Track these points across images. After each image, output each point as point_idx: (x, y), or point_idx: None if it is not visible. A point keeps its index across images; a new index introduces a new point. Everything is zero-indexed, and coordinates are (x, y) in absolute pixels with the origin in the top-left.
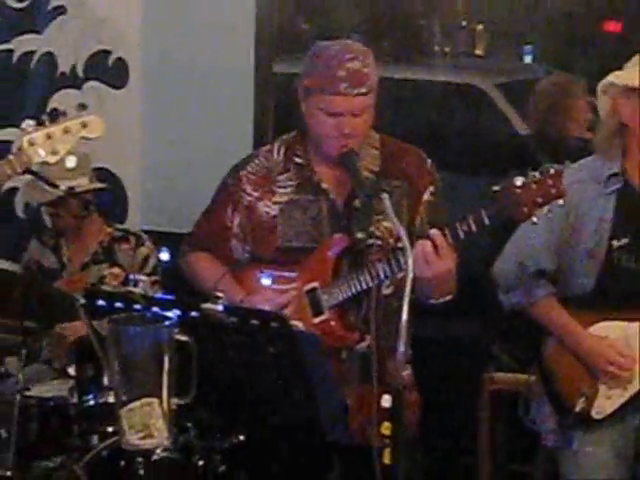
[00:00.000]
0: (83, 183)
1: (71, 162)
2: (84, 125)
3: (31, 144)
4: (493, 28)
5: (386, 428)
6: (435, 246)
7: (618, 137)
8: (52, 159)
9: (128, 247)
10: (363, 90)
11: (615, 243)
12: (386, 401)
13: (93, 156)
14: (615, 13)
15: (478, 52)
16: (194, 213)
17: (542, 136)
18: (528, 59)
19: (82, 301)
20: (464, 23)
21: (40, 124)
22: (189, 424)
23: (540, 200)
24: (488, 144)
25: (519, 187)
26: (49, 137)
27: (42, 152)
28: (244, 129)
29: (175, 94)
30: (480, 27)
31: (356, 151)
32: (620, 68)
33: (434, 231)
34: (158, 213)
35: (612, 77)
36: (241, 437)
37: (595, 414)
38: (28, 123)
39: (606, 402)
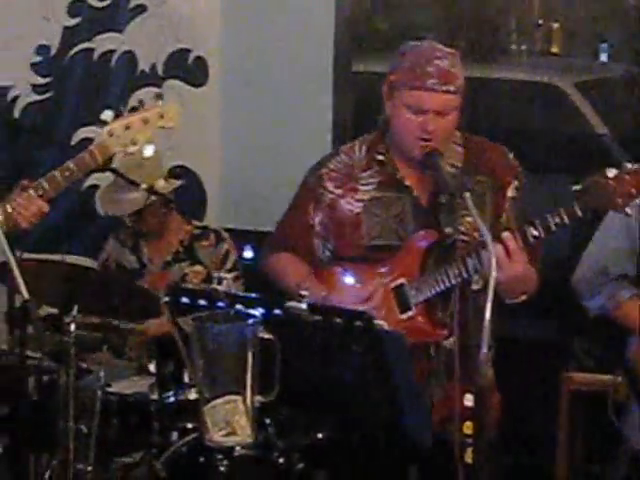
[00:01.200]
0: (160, 183)
1: (149, 151)
2: (161, 115)
3: (110, 134)
4: (568, 26)
5: (468, 427)
6: (507, 249)
7: None
8: (131, 149)
9: (208, 244)
10: (451, 88)
11: None
12: (469, 400)
13: (172, 153)
14: None
15: (554, 50)
16: (273, 211)
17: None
18: (604, 57)
19: (166, 299)
20: (540, 21)
21: (118, 114)
22: (268, 421)
23: (634, 191)
24: (567, 143)
25: (612, 178)
26: (128, 127)
27: (121, 142)
28: (323, 127)
29: (254, 92)
30: (556, 25)
31: (440, 150)
32: None
33: (506, 234)
34: (237, 211)
35: None
36: (320, 435)
37: None
38: (107, 114)
39: None
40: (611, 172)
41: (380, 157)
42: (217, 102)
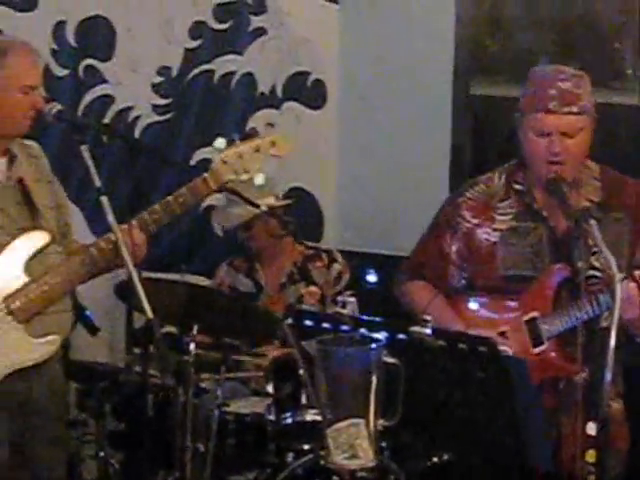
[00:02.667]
0: (269, 200)
1: (260, 179)
2: (273, 143)
3: (224, 162)
4: None
5: (591, 456)
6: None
7: None
8: (244, 177)
9: (321, 265)
10: (574, 109)
11: None
12: (591, 429)
13: (289, 175)
14: None
15: None
16: (391, 234)
17: None
18: None
19: (290, 321)
20: None
21: (231, 142)
22: (384, 444)
23: None
24: None
25: None
26: (240, 156)
27: (234, 170)
28: (441, 151)
29: (372, 114)
30: None
31: (564, 177)
32: None
33: (638, 272)
34: (355, 232)
35: None
36: (437, 459)
37: None
38: (220, 141)
39: None
40: None
41: (518, 186)
42: (334, 124)
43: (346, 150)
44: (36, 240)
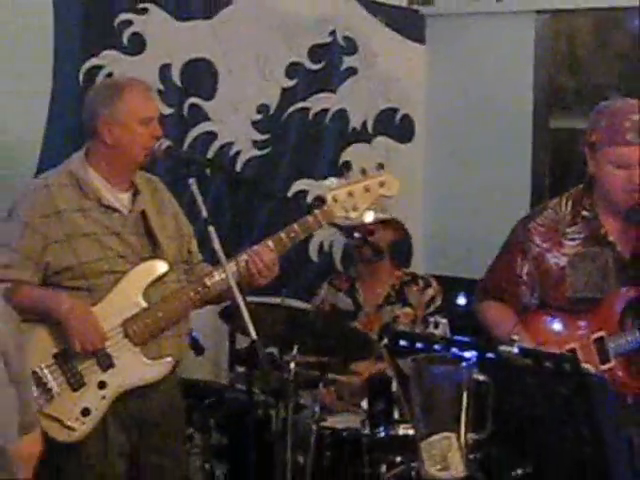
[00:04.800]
0: (386, 215)
1: (369, 217)
2: (382, 184)
3: (335, 200)
4: None
5: None
6: None
7: None
8: (353, 215)
9: (417, 289)
10: None
11: None
12: None
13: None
14: None
15: None
16: (478, 259)
17: None
18: None
19: (385, 341)
20: None
21: (340, 176)
22: (473, 457)
23: None
24: None
25: None
26: (351, 194)
27: (344, 208)
28: (522, 181)
29: (456, 148)
30: None
31: None
32: None
33: None
34: (441, 258)
35: None
36: (521, 471)
37: None
38: (332, 180)
39: None
40: None
41: (585, 213)
42: (421, 157)
43: (432, 181)
44: (155, 269)
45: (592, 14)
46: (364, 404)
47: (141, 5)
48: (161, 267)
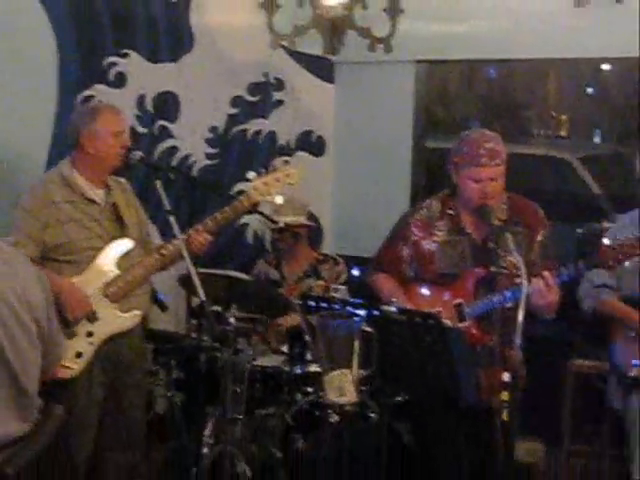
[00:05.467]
0: (300, 220)
1: (279, 200)
2: (287, 175)
3: (255, 189)
4: (573, 117)
5: (505, 396)
6: (547, 283)
7: None
8: (268, 198)
9: (328, 266)
10: (498, 162)
11: None
12: (506, 377)
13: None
14: None
15: (563, 134)
16: (368, 242)
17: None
18: (597, 139)
19: (299, 302)
20: (553, 114)
21: (259, 175)
22: (363, 388)
23: (621, 257)
24: (572, 200)
25: (607, 246)
26: (265, 184)
27: (262, 194)
28: (404, 185)
29: (357, 161)
30: (564, 117)
31: (491, 205)
32: None
33: (546, 273)
34: (344, 242)
35: None
36: (400, 398)
37: None
38: (251, 174)
39: None
40: (607, 241)
41: (450, 211)
42: (331, 167)
43: (338, 185)
44: (124, 245)
45: (459, 64)
46: (285, 348)
47: (123, 51)
48: (128, 244)
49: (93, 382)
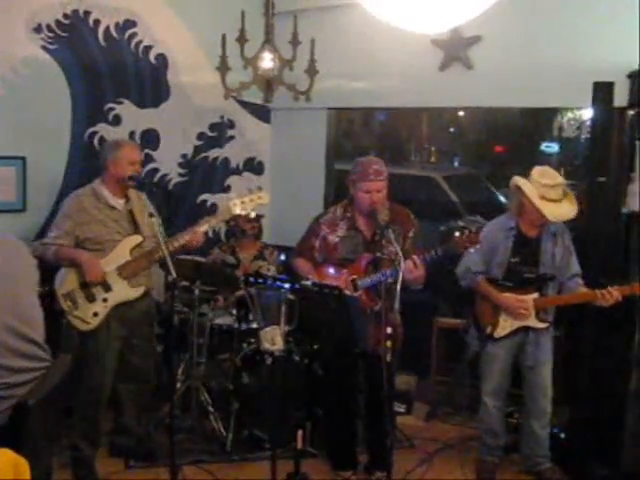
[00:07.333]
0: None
1: (252, 214)
2: (259, 197)
3: (235, 205)
4: (439, 148)
5: (388, 344)
6: (414, 263)
7: (517, 207)
8: (243, 213)
9: (269, 252)
10: (381, 178)
11: (512, 259)
12: (389, 330)
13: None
14: (501, 141)
15: (432, 160)
16: (292, 235)
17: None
18: (456, 163)
19: (242, 278)
20: (426, 146)
21: (226, 191)
22: (290, 339)
23: (468, 244)
24: (437, 205)
25: (459, 237)
26: (243, 202)
27: (241, 209)
28: (318, 196)
29: (287, 179)
30: (433, 148)
31: (377, 209)
32: (505, 174)
33: (414, 256)
34: (278, 234)
35: (515, 179)
36: (316, 347)
37: (496, 334)
38: (230, 195)
39: (503, 329)
40: (458, 233)
41: (348, 214)
42: (268, 183)
43: (274, 195)
44: (136, 239)
45: (360, 111)
46: (234, 311)
47: (119, 99)
48: (138, 239)
49: (111, 335)
